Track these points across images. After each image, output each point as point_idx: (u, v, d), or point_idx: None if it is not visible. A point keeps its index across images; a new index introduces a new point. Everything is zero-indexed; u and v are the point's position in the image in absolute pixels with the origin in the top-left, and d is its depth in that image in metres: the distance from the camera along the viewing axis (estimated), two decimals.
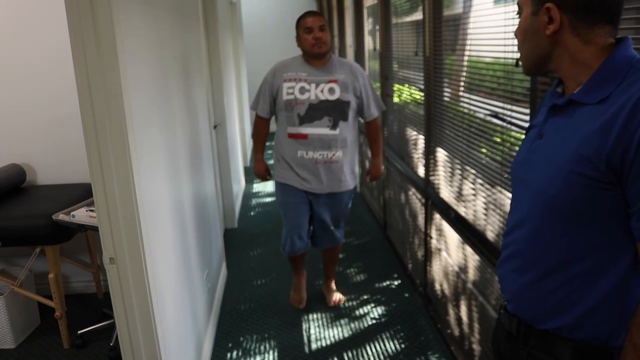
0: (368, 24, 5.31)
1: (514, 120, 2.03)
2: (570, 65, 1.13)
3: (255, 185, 6.37)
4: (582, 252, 1.11)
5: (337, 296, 3.53)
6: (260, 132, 3.25)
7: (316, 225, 3.30)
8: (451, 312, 2.97)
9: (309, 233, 3.34)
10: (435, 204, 3.11)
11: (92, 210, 2.78)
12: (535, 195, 1.17)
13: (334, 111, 2.95)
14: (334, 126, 2.97)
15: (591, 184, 1.04)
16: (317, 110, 2.95)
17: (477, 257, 2.50)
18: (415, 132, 3.56)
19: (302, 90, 2.95)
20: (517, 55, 1.93)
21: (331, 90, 2.95)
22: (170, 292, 2.21)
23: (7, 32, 3.37)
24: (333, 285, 3.58)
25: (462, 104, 2.69)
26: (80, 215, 2.78)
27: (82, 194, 3.25)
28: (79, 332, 3.12)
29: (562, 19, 1.09)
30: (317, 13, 3.01)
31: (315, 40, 2.93)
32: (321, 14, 2.98)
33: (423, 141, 3.25)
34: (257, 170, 3.32)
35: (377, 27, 4.55)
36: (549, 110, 1.19)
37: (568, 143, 1.09)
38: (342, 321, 3.30)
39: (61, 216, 2.82)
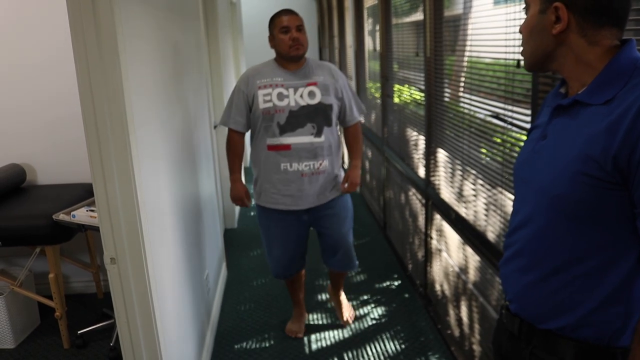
0: (368, 25, 5.32)
1: (515, 121, 2.03)
2: (574, 66, 1.13)
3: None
4: (586, 252, 1.11)
5: (350, 312, 3.29)
6: (235, 149, 2.86)
7: (322, 244, 2.99)
8: (451, 312, 2.97)
9: (304, 255, 3.04)
10: (435, 204, 3.11)
11: (92, 210, 2.78)
12: (539, 196, 1.17)
13: (317, 116, 2.67)
14: (318, 133, 2.68)
15: (596, 184, 1.05)
16: (299, 117, 2.65)
17: (477, 258, 2.50)
18: (415, 133, 3.56)
19: (281, 97, 2.65)
20: (518, 55, 1.94)
21: (311, 94, 2.67)
22: (171, 292, 2.21)
23: (7, 32, 3.37)
24: (343, 298, 3.29)
25: (462, 104, 2.69)
26: (81, 215, 2.78)
27: (82, 194, 3.25)
28: (79, 332, 3.12)
29: (569, 19, 1.09)
30: (294, 11, 2.71)
31: (292, 42, 2.63)
32: (297, 13, 2.73)
33: (424, 142, 3.25)
34: (235, 194, 2.90)
35: (378, 28, 4.55)
36: (553, 111, 1.19)
37: (573, 143, 1.09)
38: None
39: (61, 216, 2.82)
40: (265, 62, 2.80)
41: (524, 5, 1.22)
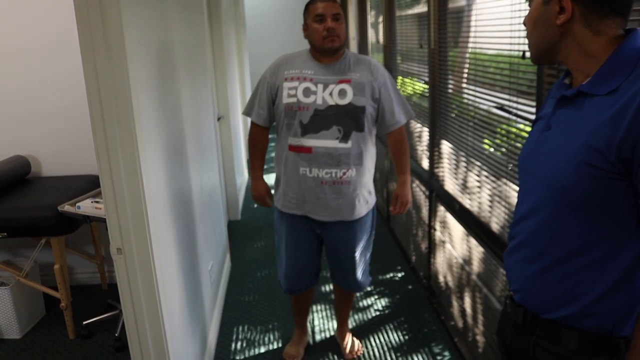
0: (371, 17, 5.31)
1: (520, 113, 2.03)
2: (579, 56, 1.13)
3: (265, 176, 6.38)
4: (590, 243, 1.11)
5: (355, 345, 2.93)
6: (257, 144, 2.62)
7: (330, 261, 2.70)
8: (455, 304, 2.98)
9: (317, 271, 2.73)
10: (439, 196, 3.11)
11: (97, 202, 2.79)
12: (543, 186, 1.17)
13: (345, 119, 2.33)
14: (344, 138, 2.34)
15: (601, 175, 1.05)
16: (324, 118, 2.33)
17: (481, 249, 2.51)
18: (419, 125, 3.56)
19: (307, 92, 2.34)
20: (523, 47, 1.94)
21: (342, 93, 2.32)
22: (176, 283, 2.22)
23: (12, 24, 3.37)
24: (348, 332, 2.99)
25: (466, 96, 2.69)
26: (86, 206, 2.79)
27: (87, 185, 3.26)
28: (84, 322, 3.13)
29: (573, 9, 1.09)
30: None
31: (326, 32, 2.29)
32: (336, 0, 2.38)
33: (427, 134, 3.25)
34: (256, 193, 2.68)
35: (381, 20, 4.54)
36: (557, 102, 1.19)
37: (577, 134, 1.09)
38: None
39: (66, 207, 2.83)
40: (298, 52, 2.49)
41: None
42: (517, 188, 1.36)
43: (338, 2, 2.37)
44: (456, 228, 2.86)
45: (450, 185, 2.95)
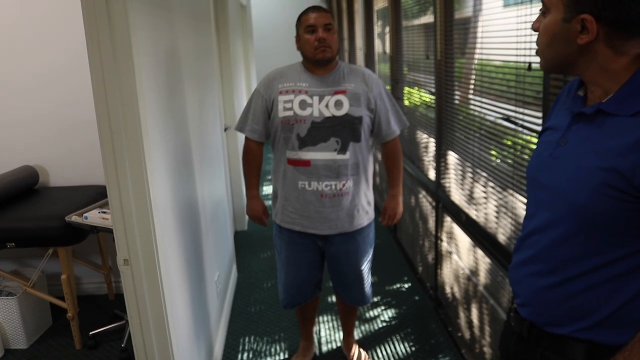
0: (378, 27, 5.33)
1: (525, 124, 2.03)
2: (598, 73, 1.10)
3: (265, 188, 6.39)
4: (605, 262, 1.10)
5: (362, 356, 2.93)
6: (252, 161, 2.55)
7: (333, 275, 2.67)
8: (462, 315, 2.96)
9: (319, 283, 2.70)
10: (446, 206, 3.10)
11: (104, 212, 2.80)
12: (560, 203, 1.15)
13: (342, 130, 2.32)
14: (342, 149, 2.34)
15: (621, 197, 1.03)
16: (322, 130, 2.32)
17: (488, 260, 2.50)
18: (425, 135, 3.56)
19: (303, 105, 2.32)
20: (529, 58, 1.94)
21: (338, 104, 2.32)
22: (183, 294, 2.22)
23: (23, 38, 3.40)
24: (354, 343, 2.99)
25: (473, 107, 2.69)
26: (93, 216, 2.80)
27: (94, 195, 3.27)
28: (91, 333, 3.14)
29: (598, 30, 1.05)
30: (323, 9, 2.37)
31: (318, 43, 2.29)
32: (328, 11, 2.41)
33: (434, 144, 3.25)
34: (253, 213, 2.61)
35: (387, 30, 4.56)
36: (574, 117, 1.16)
37: (598, 154, 1.07)
38: None
39: (74, 218, 2.85)
40: (291, 65, 2.48)
41: (538, 6, 1.19)
42: (524, 199, 1.34)
43: (330, 13, 2.37)
44: (463, 239, 2.86)
45: (457, 196, 2.94)
